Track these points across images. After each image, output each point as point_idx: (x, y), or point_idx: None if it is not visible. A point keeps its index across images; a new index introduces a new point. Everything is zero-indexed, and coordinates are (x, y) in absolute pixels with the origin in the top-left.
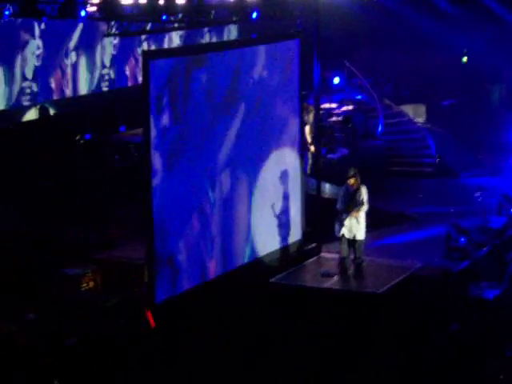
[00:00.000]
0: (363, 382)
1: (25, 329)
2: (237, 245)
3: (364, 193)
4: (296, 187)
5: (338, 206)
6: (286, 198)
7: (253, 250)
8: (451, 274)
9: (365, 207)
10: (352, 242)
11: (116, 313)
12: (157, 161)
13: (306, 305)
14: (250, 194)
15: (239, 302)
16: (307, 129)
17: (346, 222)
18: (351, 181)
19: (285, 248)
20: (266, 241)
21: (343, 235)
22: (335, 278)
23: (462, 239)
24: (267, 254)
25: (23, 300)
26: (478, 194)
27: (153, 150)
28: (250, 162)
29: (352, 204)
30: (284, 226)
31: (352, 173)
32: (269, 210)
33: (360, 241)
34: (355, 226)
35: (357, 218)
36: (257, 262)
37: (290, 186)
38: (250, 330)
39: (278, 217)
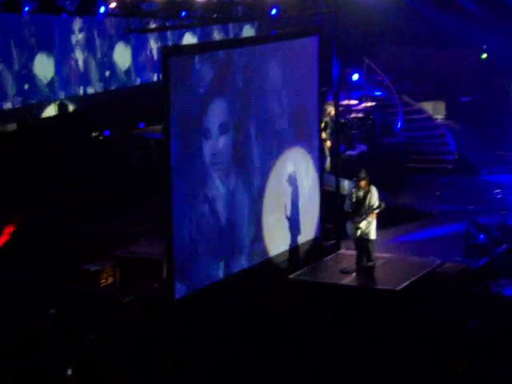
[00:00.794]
0: (380, 378)
1: (45, 324)
2: (251, 242)
3: (375, 193)
4: (313, 185)
5: (347, 207)
6: (302, 195)
7: (268, 248)
8: (470, 271)
9: (382, 207)
10: (365, 243)
11: (134, 309)
12: (176, 156)
13: (324, 301)
14: (263, 191)
15: (258, 298)
16: (321, 125)
17: (362, 224)
18: (362, 183)
19: (302, 245)
20: (282, 239)
21: (358, 237)
22: (354, 274)
23: (482, 236)
24: (285, 252)
25: (43, 296)
26: (497, 191)
27: (172, 144)
28: (263, 158)
29: (363, 206)
30: (301, 223)
31: (363, 175)
32: (286, 208)
33: (373, 240)
34: (368, 227)
35: (369, 219)
36: (275, 259)
37: (306, 183)
38: (269, 326)
39: (296, 214)
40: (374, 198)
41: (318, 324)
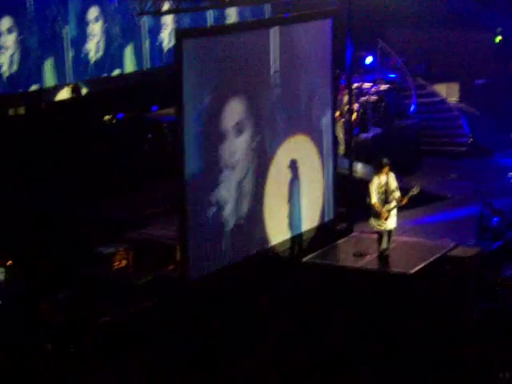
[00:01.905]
0: (393, 360)
1: (59, 306)
2: (262, 227)
3: (394, 177)
4: (325, 168)
5: (374, 200)
6: (307, 181)
7: (280, 232)
8: (484, 254)
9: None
10: (390, 231)
11: (148, 291)
12: (189, 139)
13: (338, 284)
14: (266, 178)
15: (272, 280)
16: (337, 114)
17: (394, 211)
18: (386, 170)
19: (316, 228)
20: (292, 223)
21: (384, 228)
22: (367, 257)
23: (495, 219)
24: (300, 234)
25: (57, 278)
26: (511, 174)
27: (185, 129)
28: (272, 141)
29: (388, 192)
30: (311, 208)
31: (386, 161)
32: (290, 194)
33: (395, 229)
34: (393, 216)
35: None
36: (289, 242)
37: (311, 169)
38: (283, 308)
39: (302, 200)
40: (395, 182)
41: (331, 306)
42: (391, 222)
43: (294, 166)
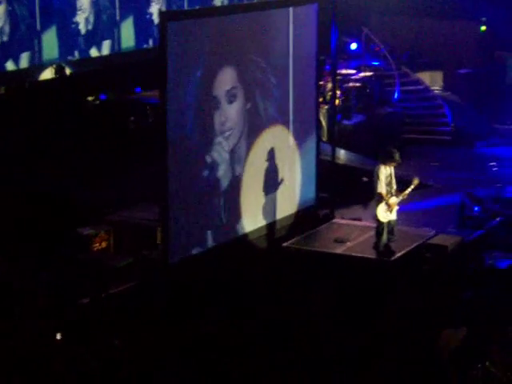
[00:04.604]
0: (372, 348)
1: (37, 287)
2: (241, 211)
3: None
4: (307, 154)
5: (382, 189)
6: (291, 165)
7: (258, 218)
8: (464, 242)
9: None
10: (392, 222)
11: (128, 273)
12: (171, 122)
13: (318, 270)
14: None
15: (252, 265)
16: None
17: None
18: (394, 164)
19: (297, 214)
20: (279, 206)
21: (389, 219)
22: (348, 243)
23: (476, 208)
24: (279, 220)
25: (36, 259)
26: (493, 163)
27: (168, 112)
28: (254, 128)
29: (392, 185)
30: (295, 192)
31: (399, 159)
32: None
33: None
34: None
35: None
36: (269, 227)
37: (297, 152)
38: (262, 294)
39: (287, 184)
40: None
41: (311, 292)
42: (395, 214)
43: (272, 152)
